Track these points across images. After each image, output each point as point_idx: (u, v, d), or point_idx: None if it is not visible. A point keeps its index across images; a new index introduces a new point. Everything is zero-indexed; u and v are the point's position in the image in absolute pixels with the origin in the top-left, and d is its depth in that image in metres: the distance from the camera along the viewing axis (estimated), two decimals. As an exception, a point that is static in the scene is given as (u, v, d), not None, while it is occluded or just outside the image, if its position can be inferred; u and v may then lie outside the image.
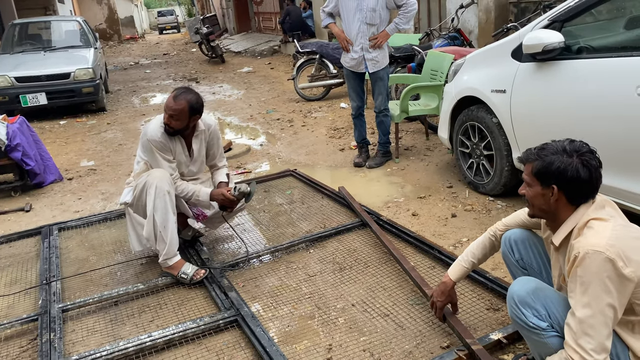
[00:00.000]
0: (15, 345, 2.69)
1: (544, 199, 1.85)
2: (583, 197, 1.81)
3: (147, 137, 3.11)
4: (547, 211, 1.88)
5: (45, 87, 8.17)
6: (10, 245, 3.93)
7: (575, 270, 1.69)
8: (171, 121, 3.06)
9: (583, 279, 1.66)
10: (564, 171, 1.77)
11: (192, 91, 3.11)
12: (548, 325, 1.80)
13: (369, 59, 4.74)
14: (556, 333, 1.79)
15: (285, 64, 12.32)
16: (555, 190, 1.80)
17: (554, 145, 1.85)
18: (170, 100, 3.04)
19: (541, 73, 3.31)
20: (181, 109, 3.02)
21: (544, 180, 1.83)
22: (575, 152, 1.79)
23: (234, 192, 3.21)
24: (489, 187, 3.99)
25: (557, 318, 1.80)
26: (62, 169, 5.66)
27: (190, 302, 2.96)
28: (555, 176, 1.79)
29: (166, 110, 3.06)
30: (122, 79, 12.51)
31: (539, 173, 1.83)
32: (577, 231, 1.78)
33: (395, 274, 3.04)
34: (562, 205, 1.83)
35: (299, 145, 6.02)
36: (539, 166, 1.83)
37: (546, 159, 1.81)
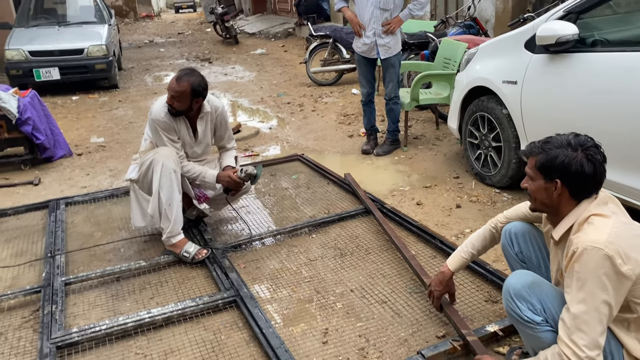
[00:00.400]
0: (18, 316, 2.74)
1: (547, 193, 1.82)
2: (586, 192, 1.79)
3: (151, 116, 3.12)
4: (549, 205, 1.86)
5: (58, 62, 8.20)
6: (18, 218, 3.99)
7: (573, 266, 1.67)
8: (173, 102, 3.06)
9: (580, 275, 1.65)
10: (568, 165, 1.75)
11: (195, 73, 3.09)
12: (542, 320, 1.80)
13: (381, 45, 4.69)
14: (550, 328, 1.79)
15: (299, 47, 12.24)
16: (558, 184, 1.77)
17: (558, 138, 1.82)
18: (173, 82, 3.04)
19: (553, 65, 3.26)
20: (183, 90, 3.02)
21: (547, 174, 1.80)
22: (580, 146, 1.76)
23: (240, 174, 3.22)
24: (496, 179, 3.96)
25: (552, 313, 1.79)
26: (72, 144, 5.70)
27: (190, 281, 2.99)
28: (559, 170, 1.77)
29: (169, 91, 3.06)
30: (136, 56, 12.53)
31: (542, 167, 1.81)
32: (577, 226, 1.76)
33: (396, 262, 3.04)
34: (564, 200, 1.81)
35: (308, 130, 6.01)
36: (542, 160, 1.81)
37: (550, 153, 1.79)
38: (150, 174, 3.07)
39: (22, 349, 2.46)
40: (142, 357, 2.37)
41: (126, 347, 2.43)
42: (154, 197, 3.06)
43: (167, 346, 2.43)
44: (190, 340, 2.46)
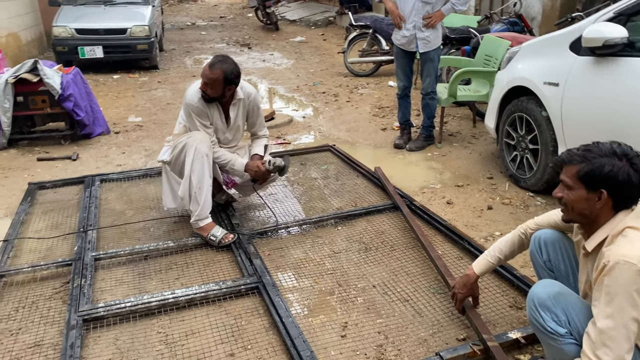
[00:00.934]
0: (49, 287, 2.84)
1: (588, 204, 1.75)
2: (629, 203, 1.72)
3: (185, 100, 3.16)
4: (587, 216, 1.78)
5: (102, 40, 8.38)
6: (55, 191, 4.12)
7: (603, 279, 1.62)
8: (206, 89, 3.09)
9: (609, 289, 1.59)
10: (616, 175, 1.67)
11: (229, 60, 3.11)
12: (566, 332, 1.75)
13: (420, 38, 4.61)
14: (574, 341, 1.74)
15: (338, 36, 12.16)
16: (604, 195, 1.70)
17: (600, 147, 1.74)
18: (206, 69, 3.06)
19: (599, 69, 3.14)
20: (215, 78, 3.04)
21: (590, 184, 1.72)
22: (624, 156, 1.69)
23: (268, 166, 3.23)
24: (531, 182, 3.86)
25: (577, 326, 1.74)
26: (110, 122, 5.83)
27: (215, 265, 3.03)
28: (605, 180, 1.69)
29: (202, 78, 3.09)
30: (178, 38, 12.68)
31: (586, 176, 1.73)
32: (610, 238, 1.70)
33: (421, 260, 3.01)
34: (604, 211, 1.74)
35: (341, 120, 5.98)
36: (587, 169, 1.72)
37: (595, 162, 1.71)
38: (183, 156, 3.12)
39: (50, 319, 2.55)
40: (163, 336, 2.42)
41: (149, 325, 2.49)
42: (185, 179, 3.10)
43: (189, 327, 2.48)
44: (211, 323, 2.50)
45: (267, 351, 2.32)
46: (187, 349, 2.34)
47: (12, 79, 4.83)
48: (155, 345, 2.37)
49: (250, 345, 2.36)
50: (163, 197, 3.42)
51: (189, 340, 2.39)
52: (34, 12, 10.17)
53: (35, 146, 5.13)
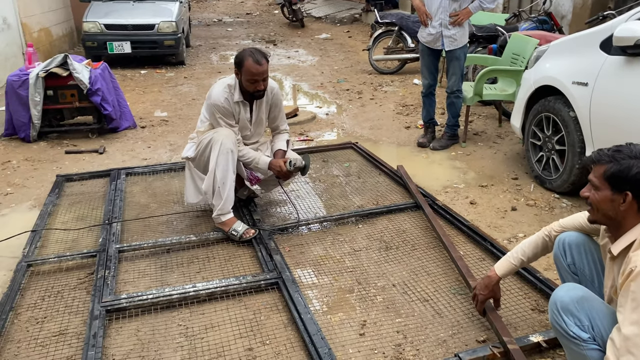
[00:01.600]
0: (74, 277, 2.90)
1: (612, 205, 1.72)
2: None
3: (210, 100, 3.17)
4: (611, 218, 1.75)
5: (130, 36, 8.52)
6: (82, 184, 4.20)
7: (629, 285, 1.57)
8: (261, 85, 3.11)
9: (636, 295, 1.55)
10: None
11: (258, 49, 3.15)
12: (590, 337, 1.71)
13: (446, 36, 4.56)
14: (597, 347, 1.70)
15: (364, 33, 12.11)
16: (629, 197, 1.67)
17: (631, 148, 1.71)
18: (255, 65, 3.04)
19: (630, 69, 3.06)
20: (267, 68, 3.09)
21: (616, 185, 1.70)
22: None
23: (289, 167, 3.26)
24: (557, 183, 3.79)
25: (601, 331, 1.70)
26: (136, 116, 5.92)
27: (236, 259, 3.05)
28: (631, 182, 1.66)
29: (254, 77, 3.06)
30: (204, 34, 12.80)
31: (612, 177, 1.70)
32: (638, 243, 1.66)
33: (442, 260, 2.98)
34: (630, 214, 1.70)
35: (364, 118, 5.96)
36: (613, 169, 1.70)
37: (623, 163, 1.68)
38: (208, 152, 3.14)
39: (75, 309, 2.61)
40: (183, 328, 2.45)
41: (169, 318, 2.53)
42: (210, 174, 3.13)
43: (208, 321, 2.50)
44: (230, 317, 2.53)
45: (285, 347, 2.33)
46: (207, 342, 2.36)
47: (43, 73, 4.94)
48: (175, 337, 2.40)
49: (269, 340, 2.37)
50: (185, 192, 3.46)
51: (209, 333, 2.42)
52: (65, 7, 10.39)
53: (63, 139, 5.25)
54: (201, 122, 3.35)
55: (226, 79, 3.22)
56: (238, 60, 3.11)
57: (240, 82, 3.16)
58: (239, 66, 3.10)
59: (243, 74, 3.08)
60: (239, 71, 3.11)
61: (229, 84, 3.19)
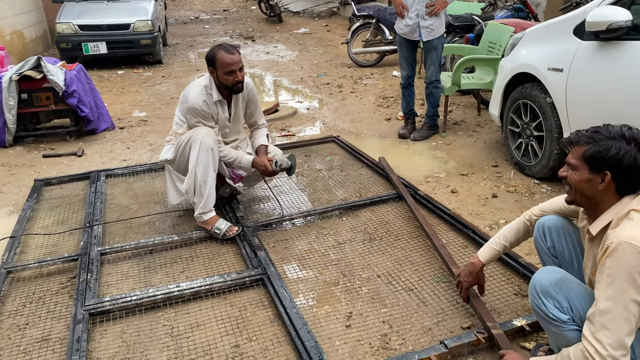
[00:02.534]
0: (55, 282, 2.86)
1: (590, 185, 1.74)
2: (633, 187, 1.69)
3: (187, 104, 3.11)
4: (589, 198, 1.77)
5: (106, 36, 8.40)
6: (61, 187, 4.14)
7: (605, 261, 1.60)
8: (239, 76, 3.06)
9: (611, 271, 1.58)
10: (622, 158, 1.66)
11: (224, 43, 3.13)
12: (569, 319, 1.74)
13: (423, 27, 4.57)
14: (577, 327, 1.73)
15: (342, 27, 12.10)
16: (608, 177, 1.69)
17: (609, 129, 1.72)
18: (228, 56, 3.00)
19: (603, 53, 3.10)
20: (240, 59, 3.05)
21: (595, 166, 1.71)
22: (633, 140, 1.67)
23: (275, 167, 3.25)
24: (536, 169, 3.84)
25: (580, 312, 1.73)
26: (115, 117, 5.85)
27: (220, 257, 3.04)
28: (610, 163, 1.68)
29: (231, 66, 3.01)
30: (181, 32, 12.67)
31: (591, 157, 1.71)
32: (616, 221, 1.68)
33: (425, 249, 3.01)
34: (608, 194, 1.72)
35: (345, 111, 5.96)
36: (592, 150, 1.71)
37: (602, 144, 1.70)
38: (188, 151, 3.11)
39: (57, 314, 2.58)
40: (169, 328, 2.44)
41: (154, 319, 2.51)
42: (190, 173, 3.10)
43: (194, 320, 2.49)
44: (216, 315, 2.52)
45: (272, 342, 2.32)
46: (193, 341, 2.35)
47: (16, 77, 4.85)
48: (161, 337, 2.38)
49: (255, 336, 2.37)
50: (167, 195, 3.43)
51: (194, 332, 2.41)
52: (38, 9, 10.20)
53: (40, 143, 5.16)
54: (178, 125, 3.27)
55: (200, 80, 3.17)
56: (210, 57, 3.07)
57: (217, 79, 3.12)
58: (212, 63, 3.06)
59: (218, 68, 3.05)
60: (213, 68, 3.07)
61: (204, 85, 3.13)
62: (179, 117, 3.27)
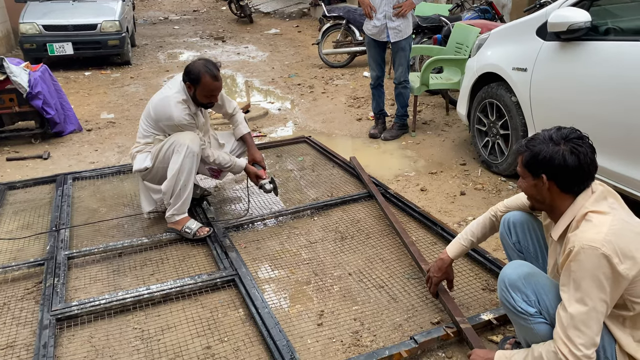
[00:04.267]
0: (21, 287, 2.79)
1: (537, 190, 1.81)
2: (576, 185, 1.75)
3: (174, 121, 3.07)
4: (542, 202, 1.84)
5: (72, 37, 8.22)
6: (26, 191, 4.04)
7: (569, 265, 1.65)
8: (213, 99, 3.16)
9: (576, 275, 1.63)
10: (551, 159, 1.73)
11: (212, 61, 3.14)
12: (536, 312, 1.79)
13: (391, 28, 4.63)
14: (544, 320, 1.78)
15: (313, 27, 12.12)
16: (544, 179, 1.76)
17: (542, 134, 1.81)
18: (213, 82, 3.06)
19: (564, 53, 3.20)
20: (221, 84, 3.15)
21: (533, 171, 1.79)
22: (562, 140, 1.74)
23: (263, 188, 3.40)
24: (502, 167, 3.92)
25: (547, 306, 1.78)
26: (82, 119, 5.74)
27: (191, 259, 3.02)
28: (542, 165, 1.75)
29: (212, 92, 3.10)
30: (150, 33, 12.49)
31: (527, 164, 1.80)
32: (575, 223, 1.73)
33: (395, 247, 3.04)
34: (556, 195, 1.78)
35: (316, 112, 5.98)
36: (527, 157, 1.80)
37: (534, 149, 1.78)
38: (170, 154, 3.08)
39: (23, 319, 2.52)
40: (139, 332, 2.41)
41: (124, 322, 2.48)
42: (172, 176, 3.06)
43: (164, 322, 2.47)
44: (187, 317, 2.50)
45: (244, 342, 2.32)
46: (164, 343, 2.33)
47: (-23, 78, 4.71)
48: (131, 341, 2.35)
49: (227, 337, 2.36)
50: (141, 203, 3.40)
51: (165, 334, 2.39)
52: (0, 9, 9.92)
53: (4, 146, 5.03)
54: (147, 137, 3.23)
55: (174, 95, 3.09)
56: (193, 77, 3.04)
57: (192, 94, 3.12)
58: (194, 82, 3.05)
59: (200, 89, 3.07)
60: (193, 86, 3.07)
61: (183, 99, 3.08)
62: (149, 130, 3.22)
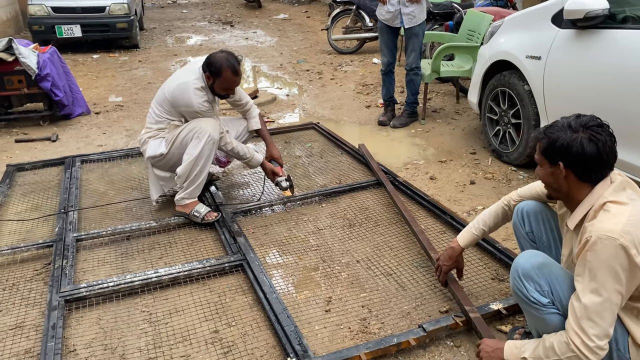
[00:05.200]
0: (30, 268, 2.80)
1: (554, 178, 1.77)
2: (594, 174, 1.71)
3: (193, 108, 3.06)
4: (559, 190, 1.80)
5: (80, 19, 8.19)
6: (35, 173, 4.05)
7: (585, 254, 1.62)
8: (230, 92, 3.19)
9: (592, 265, 1.60)
10: (569, 147, 1.69)
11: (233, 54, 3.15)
12: (549, 302, 1.76)
13: (405, 14, 4.57)
14: (557, 311, 1.76)
15: (322, 13, 12.02)
16: (561, 167, 1.72)
17: (560, 121, 1.77)
18: (235, 78, 3.08)
19: (580, 41, 3.14)
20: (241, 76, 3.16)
21: (550, 158, 1.76)
22: (581, 127, 1.70)
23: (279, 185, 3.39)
24: (513, 156, 3.88)
25: (560, 296, 1.75)
26: (90, 102, 5.73)
27: (199, 243, 3.02)
28: (560, 153, 1.72)
29: (231, 85, 3.11)
30: (158, 17, 12.44)
31: (545, 151, 1.77)
32: (592, 213, 1.70)
33: (404, 235, 3.03)
34: (573, 184, 1.74)
35: (325, 98, 5.94)
36: (545, 144, 1.76)
37: (552, 136, 1.74)
38: (189, 140, 3.07)
39: (32, 300, 2.53)
40: (147, 314, 2.41)
41: (132, 305, 2.48)
42: (191, 161, 3.05)
43: (172, 305, 2.47)
44: (195, 301, 2.50)
45: (252, 327, 2.32)
46: (171, 327, 2.33)
47: (-14, 59, 4.70)
48: (139, 324, 2.36)
49: (235, 322, 2.36)
50: (150, 191, 3.37)
51: (173, 318, 2.39)
52: (9, -10, 9.88)
53: (13, 127, 5.03)
54: (166, 123, 3.19)
55: (193, 80, 3.06)
56: (214, 69, 3.02)
57: (211, 84, 3.11)
58: (214, 74, 3.04)
59: (219, 82, 3.07)
60: (213, 77, 3.06)
61: (201, 86, 3.07)
62: (164, 116, 3.18)
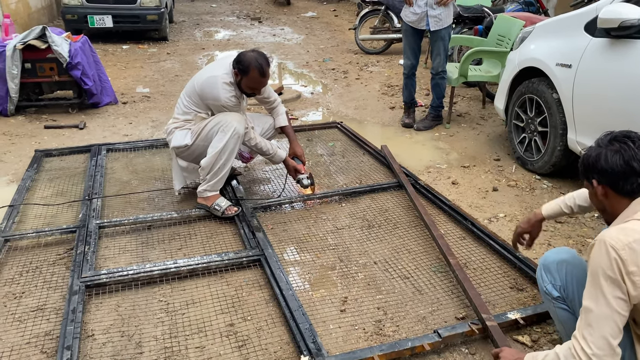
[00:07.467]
0: (53, 252, 2.86)
1: (595, 197, 1.73)
2: (628, 184, 1.63)
3: (220, 102, 3.11)
4: (603, 210, 1.74)
5: (112, 10, 8.32)
6: (62, 159, 4.13)
7: (589, 258, 1.60)
8: (258, 92, 3.23)
9: (591, 269, 1.57)
10: (595, 163, 1.66)
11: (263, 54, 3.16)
12: (559, 297, 1.85)
13: (431, 16, 4.53)
14: (566, 307, 1.84)
15: (350, 12, 11.99)
16: (595, 183, 1.68)
17: (601, 137, 1.72)
18: (262, 79, 3.12)
19: (614, 51, 3.07)
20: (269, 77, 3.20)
21: (587, 177, 1.73)
22: (608, 142, 1.66)
23: (298, 183, 3.41)
24: (538, 165, 3.83)
25: (571, 296, 1.82)
26: (118, 92, 5.81)
27: (218, 237, 3.04)
28: (591, 170, 1.69)
29: (257, 85, 3.15)
30: (188, 10, 12.55)
31: (581, 173, 1.75)
32: None
33: (423, 239, 3.01)
34: (613, 200, 1.68)
35: (349, 98, 5.93)
36: (579, 166, 1.75)
37: (583, 157, 1.72)
38: (214, 133, 3.10)
39: (54, 284, 2.58)
40: (164, 304, 2.44)
41: (150, 294, 2.52)
42: (215, 154, 3.08)
43: (189, 297, 2.50)
44: (212, 294, 2.52)
45: (267, 322, 2.33)
46: (188, 317, 2.36)
47: (20, 45, 4.81)
48: (156, 313, 2.39)
49: (250, 316, 2.38)
50: (174, 181, 3.42)
51: (190, 309, 2.42)
52: (44, -21, 10.09)
53: (42, 114, 5.14)
54: (193, 114, 3.23)
55: (223, 75, 3.10)
56: (242, 67, 3.06)
57: (238, 81, 3.14)
58: (242, 72, 3.08)
59: (245, 80, 3.11)
60: (241, 75, 3.09)
61: (230, 81, 3.11)
62: (191, 107, 3.22)
